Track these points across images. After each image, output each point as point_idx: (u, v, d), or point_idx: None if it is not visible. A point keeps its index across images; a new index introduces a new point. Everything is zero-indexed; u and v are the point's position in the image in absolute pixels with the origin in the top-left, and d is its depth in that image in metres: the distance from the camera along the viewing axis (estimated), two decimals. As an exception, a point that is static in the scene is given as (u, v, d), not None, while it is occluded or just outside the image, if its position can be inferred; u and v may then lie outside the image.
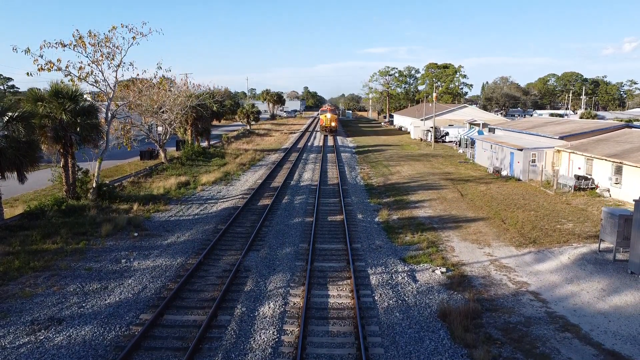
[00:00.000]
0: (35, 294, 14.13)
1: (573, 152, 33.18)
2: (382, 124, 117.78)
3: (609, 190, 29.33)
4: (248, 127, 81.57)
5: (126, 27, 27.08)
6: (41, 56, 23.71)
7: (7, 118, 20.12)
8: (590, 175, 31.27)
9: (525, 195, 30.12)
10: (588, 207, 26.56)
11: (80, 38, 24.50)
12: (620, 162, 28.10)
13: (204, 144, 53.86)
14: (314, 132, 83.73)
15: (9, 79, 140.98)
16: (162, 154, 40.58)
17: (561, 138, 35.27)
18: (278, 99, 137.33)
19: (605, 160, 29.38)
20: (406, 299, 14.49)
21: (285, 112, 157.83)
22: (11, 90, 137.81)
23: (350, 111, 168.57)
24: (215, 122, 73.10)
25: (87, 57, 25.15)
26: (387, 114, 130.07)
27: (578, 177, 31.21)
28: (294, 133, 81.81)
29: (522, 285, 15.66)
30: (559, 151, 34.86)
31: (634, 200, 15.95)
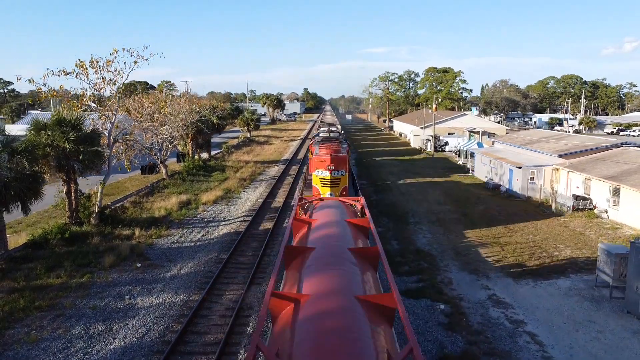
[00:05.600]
0: (41, 339, 14.38)
1: (571, 171, 33.42)
2: (382, 129, 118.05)
3: (606, 212, 29.58)
4: (248, 135, 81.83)
5: (127, 50, 27.40)
6: (44, 84, 24.02)
7: (12, 151, 20.32)
8: (589, 195, 31.51)
9: (524, 215, 30.37)
10: (586, 231, 26.81)
11: (82, 66, 24.74)
12: (618, 185, 28.34)
13: (205, 155, 54.14)
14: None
15: (9, 82, 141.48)
16: (163, 170, 40.81)
17: (560, 156, 35.50)
18: (278, 103, 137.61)
19: (603, 181, 29.61)
20: (405, 341, 14.72)
21: (285, 115, 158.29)
22: (12, 94, 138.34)
23: (350, 115, 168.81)
24: (215, 131, 73.27)
25: (89, 84, 25.40)
26: (387, 119, 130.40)
27: (576, 197, 31.44)
28: (294, 140, 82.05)
29: (519, 325, 15.90)
30: (557, 169, 35.10)
31: (629, 241, 16.22)
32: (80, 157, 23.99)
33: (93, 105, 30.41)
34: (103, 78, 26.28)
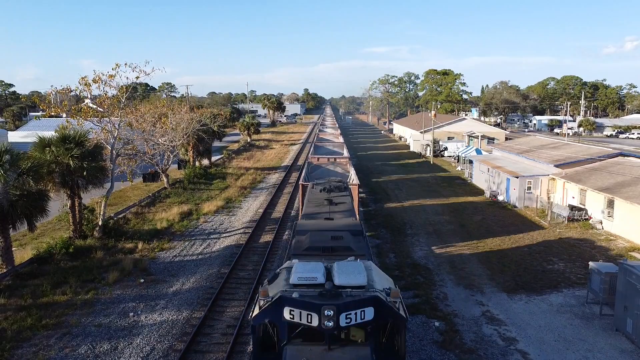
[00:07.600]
0: (49, 359, 14.90)
1: (567, 182, 33.90)
2: (382, 132, 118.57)
3: (601, 223, 30.06)
4: (249, 139, 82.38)
5: (129, 65, 27.93)
6: (49, 102, 24.51)
7: (19, 170, 20.86)
8: (584, 205, 32.00)
9: (520, 226, 30.86)
10: (580, 243, 27.28)
11: (86, 83, 25.28)
12: (612, 196, 28.81)
13: (206, 161, 54.65)
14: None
15: (10, 85, 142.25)
16: (164, 179, 41.33)
17: (556, 166, 35.96)
18: (278, 105, 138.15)
19: (598, 193, 30.09)
20: (401, 360, 15.21)
21: (285, 117, 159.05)
22: (13, 96, 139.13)
23: (350, 117, 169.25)
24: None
25: (92, 100, 25.93)
26: (387, 121, 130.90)
27: (572, 208, 31.90)
28: (295, 144, 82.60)
29: (511, 342, 16.39)
30: (554, 179, 35.57)
31: (618, 262, 16.70)
32: (84, 173, 24.52)
33: (100, 109, 30.71)
34: (105, 93, 26.81)
